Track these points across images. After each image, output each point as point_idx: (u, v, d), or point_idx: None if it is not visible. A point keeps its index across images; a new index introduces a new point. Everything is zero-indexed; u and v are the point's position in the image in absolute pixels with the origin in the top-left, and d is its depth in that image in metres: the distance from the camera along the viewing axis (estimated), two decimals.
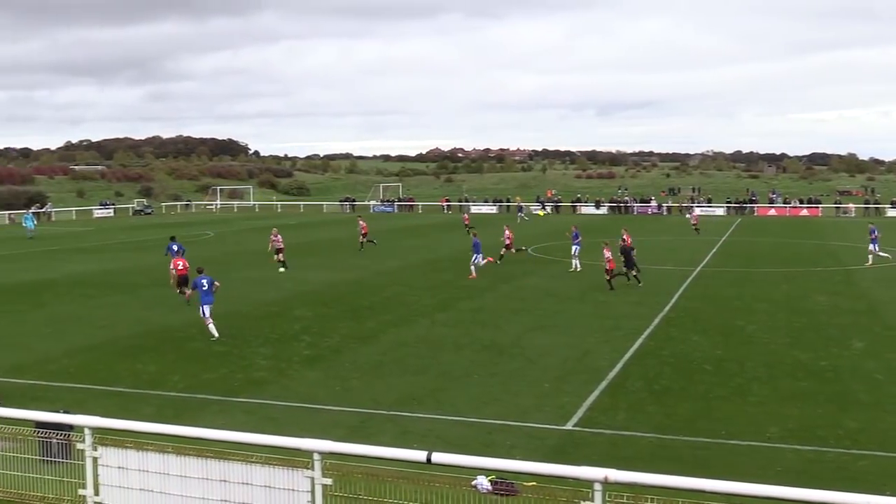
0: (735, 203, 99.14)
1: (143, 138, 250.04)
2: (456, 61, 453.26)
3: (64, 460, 10.79)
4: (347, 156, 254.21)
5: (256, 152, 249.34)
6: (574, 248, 39.49)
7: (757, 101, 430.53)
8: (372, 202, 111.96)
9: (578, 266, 39.20)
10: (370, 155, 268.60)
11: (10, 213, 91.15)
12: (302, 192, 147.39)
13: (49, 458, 10.95)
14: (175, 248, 35.36)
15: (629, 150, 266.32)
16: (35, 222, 68.67)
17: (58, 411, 12.24)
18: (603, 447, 14.51)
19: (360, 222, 51.99)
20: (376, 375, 19.73)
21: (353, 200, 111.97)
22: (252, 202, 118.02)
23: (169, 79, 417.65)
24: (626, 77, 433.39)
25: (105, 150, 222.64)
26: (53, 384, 19.10)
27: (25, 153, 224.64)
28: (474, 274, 37.00)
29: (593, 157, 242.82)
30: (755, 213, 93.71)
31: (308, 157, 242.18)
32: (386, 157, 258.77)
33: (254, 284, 35.42)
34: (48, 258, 47.40)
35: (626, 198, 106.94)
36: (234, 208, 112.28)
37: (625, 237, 37.55)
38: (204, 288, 24.67)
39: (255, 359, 21.48)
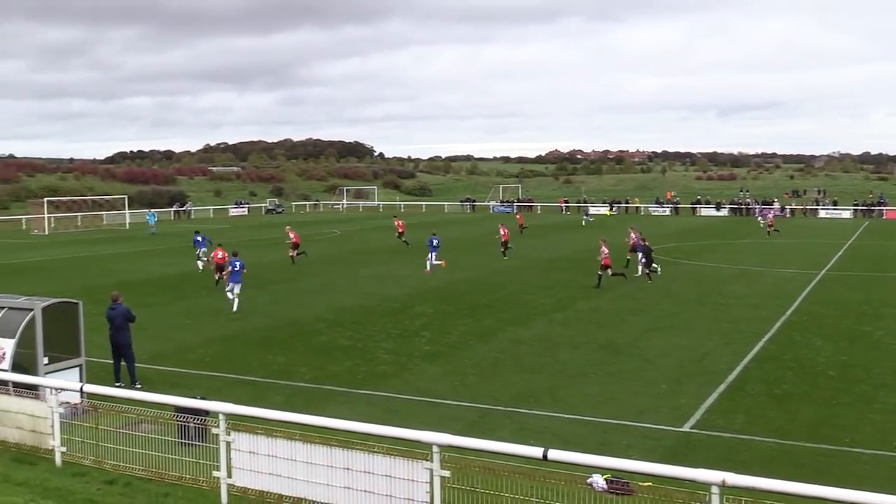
0: (862, 206, 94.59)
1: (275, 141, 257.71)
2: (576, 64, 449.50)
3: (200, 443, 11.25)
4: (469, 157, 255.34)
5: (381, 154, 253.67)
6: (639, 254, 38.31)
7: (888, 101, 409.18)
8: (491, 202, 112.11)
9: (640, 270, 38.28)
10: (491, 156, 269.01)
11: (153, 211, 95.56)
12: (424, 193, 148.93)
13: (186, 441, 11.42)
14: (200, 239, 38.52)
15: (751, 152, 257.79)
16: (156, 219, 71.39)
17: (195, 397, 12.77)
18: (720, 450, 14.10)
19: (396, 221, 53.15)
20: (494, 372, 19.75)
21: (474, 201, 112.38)
22: (377, 202, 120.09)
23: (301, 84, 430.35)
24: (748, 78, 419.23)
25: (240, 152, 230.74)
26: (191, 372, 19.93)
27: (168, 155, 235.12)
28: (428, 269, 39.02)
29: (714, 158, 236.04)
30: (884, 216, 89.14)
31: (430, 159, 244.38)
32: (506, 159, 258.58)
33: (377, 281, 36.03)
34: (188, 254, 49.45)
35: (748, 200, 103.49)
36: (359, 208, 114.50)
37: (632, 235, 38.34)
38: (235, 269, 28.69)
39: (377, 353, 21.85)
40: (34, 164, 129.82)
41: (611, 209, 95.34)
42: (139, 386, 17.81)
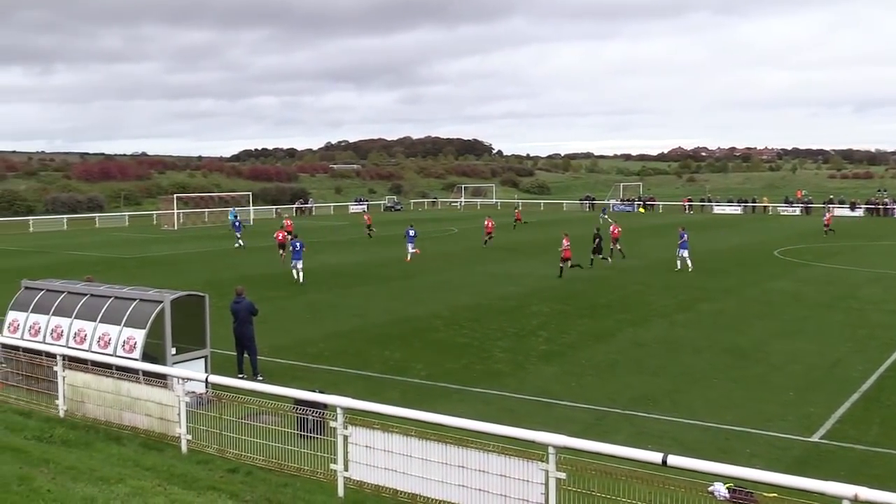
0: None
1: (395, 139, 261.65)
2: (701, 59, 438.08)
3: (318, 436, 11.49)
4: (588, 155, 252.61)
5: (500, 152, 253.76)
6: (681, 250, 39.43)
7: None
8: (612, 201, 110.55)
9: (690, 265, 38.86)
10: (611, 154, 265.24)
11: (276, 208, 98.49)
12: (542, 191, 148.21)
13: (305, 434, 11.69)
14: (298, 245, 38.99)
15: (890, 149, 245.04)
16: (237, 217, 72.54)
17: (314, 391, 13.08)
18: (853, 463, 13.47)
19: (488, 221, 54.40)
20: (612, 374, 19.48)
21: (593, 199, 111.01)
22: (494, 200, 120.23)
23: (421, 83, 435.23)
24: (887, 71, 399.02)
25: (361, 150, 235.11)
26: (311, 366, 20.44)
27: (291, 153, 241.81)
28: (409, 258, 43.02)
29: (849, 156, 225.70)
30: None
31: (549, 157, 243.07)
32: (627, 157, 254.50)
33: (494, 279, 36.07)
34: (309, 250, 50.76)
35: (886, 199, 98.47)
36: (477, 206, 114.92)
37: (611, 228, 44.86)
38: (296, 248, 35.31)
39: (493, 351, 21.87)
40: (165, 161, 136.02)
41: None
42: (261, 378, 18.38)
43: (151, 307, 16.34)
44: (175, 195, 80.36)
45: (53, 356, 14.80)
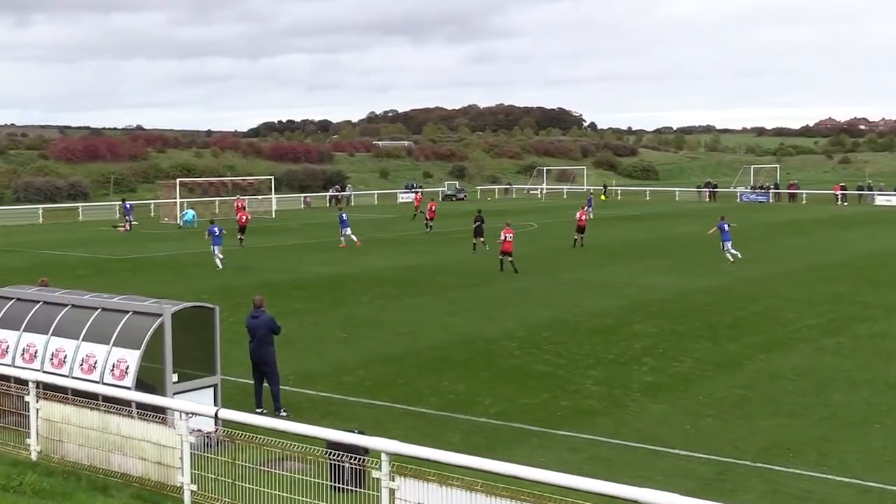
0: None
1: (457, 108, 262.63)
2: (861, 4, 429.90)
3: (356, 489, 11.54)
4: (708, 129, 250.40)
5: (593, 124, 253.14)
6: (725, 243, 43.81)
7: None
8: (739, 188, 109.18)
9: (732, 258, 43.03)
10: (738, 128, 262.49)
11: (305, 196, 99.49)
12: (648, 175, 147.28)
13: (340, 486, 11.75)
14: (217, 232, 44.11)
15: None
16: (194, 216, 73.11)
17: (352, 431, 13.14)
18: None
19: (506, 232, 52.05)
20: (739, 414, 19.23)
21: (715, 186, 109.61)
22: (585, 186, 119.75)
23: (493, 36, 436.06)
24: None
25: (413, 121, 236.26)
26: (347, 398, 20.56)
27: (324, 126, 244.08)
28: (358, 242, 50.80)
29: None
30: None
31: (657, 131, 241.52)
32: (759, 131, 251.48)
33: (584, 289, 35.90)
34: (348, 249, 51.15)
35: None
36: (563, 194, 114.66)
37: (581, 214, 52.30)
38: (215, 234, 42.17)
39: (583, 383, 21.75)
40: (165, 137, 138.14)
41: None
42: (284, 413, 18.55)
43: (148, 322, 16.59)
44: (178, 180, 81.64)
45: (25, 383, 15.13)
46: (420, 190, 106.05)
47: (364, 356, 24.71)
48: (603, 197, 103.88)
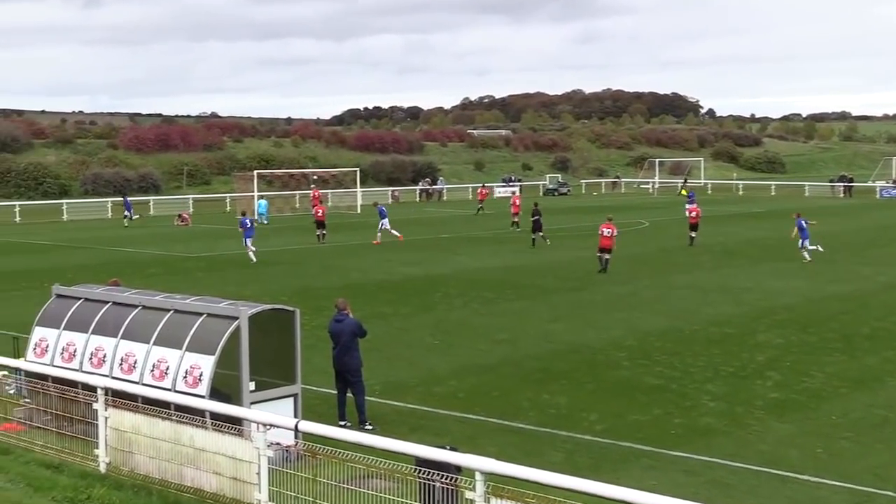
0: None
1: (559, 93, 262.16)
2: None
3: None
4: (843, 116, 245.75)
5: (711, 111, 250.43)
6: (802, 241, 44.29)
7: None
8: (878, 183, 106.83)
9: (808, 256, 43.18)
10: (879, 114, 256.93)
11: (392, 190, 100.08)
12: (773, 168, 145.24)
13: None
14: (248, 222, 47.53)
15: None
16: (267, 207, 74.17)
17: (443, 447, 13.14)
18: None
19: (604, 228, 49.72)
20: (879, 437, 18.82)
21: (851, 180, 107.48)
22: (702, 180, 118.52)
23: (600, 14, 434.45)
24: None
25: (511, 108, 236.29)
26: (438, 411, 20.58)
27: (414, 113, 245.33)
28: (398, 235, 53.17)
29: None
30: None
31: (784, 118, 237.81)
32: None
33: (700, 294, 35.52)
34: (439, 248, 51.32)
35: None
36: (677, 189, 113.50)
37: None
38: (246, 226, 45.72)
39: (700, 398, 21.50)
40: (242, 125, 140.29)
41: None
42: (370, 427, 18.66)
43: (223, 325, 16.82)
44: (255, 172, 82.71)
45: (93, 389, 15.46)
46: (520, 184, 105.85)
47: (457, 365, 24.74)
48: (683, 191, 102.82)
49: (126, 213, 71.72)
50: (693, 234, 51.58)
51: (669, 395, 21.82)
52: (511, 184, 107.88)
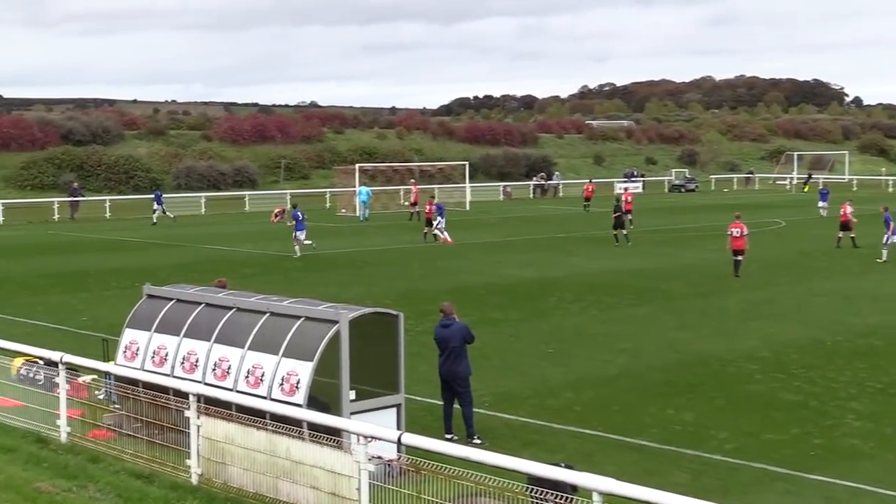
0: None
1: (687, 81, 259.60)
2: None
3: None
4: None
5: (857, 100, 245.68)
6: (886, 237, 45.79)
7: None
8: None
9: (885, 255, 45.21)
10: None
11: (504, 185, 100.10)
12: None
13: None
14: (300, 214, 49.50)
15: None
16: (369, 198, 74.87)
17: (558, 464, 13.12)
18: None
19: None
20: None
21: None
22: (846, 176, 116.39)
23: None
24: None
25: (633, 97, 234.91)
26: (553, 425, 20.52)
27: (528, 103, 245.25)
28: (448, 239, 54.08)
29: None
30: None
31: None
32: None
33: (845, 302, 34.98)
34: (554, 248, 51.20)
35: None
36: (818, 184, 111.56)
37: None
38: (298, 219, 48.27)
39: (843, 417, 21.13)
40: (343, 116, 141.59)
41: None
42: (478, 441, 18.67)
43: (322, 329, 16.95)
44: (357, 165, 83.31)
45: (185, 396, 15.73)
46: (643, 179, 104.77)
47: (573, 376, 24.66)
48: (806, 188, 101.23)
49: (155, 207, 71.99)
50: (841, 235, 50.68)
51: (808, 412, 21.48)
52: (633, 179, 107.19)
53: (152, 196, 74.84)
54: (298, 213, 49.25)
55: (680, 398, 22.57)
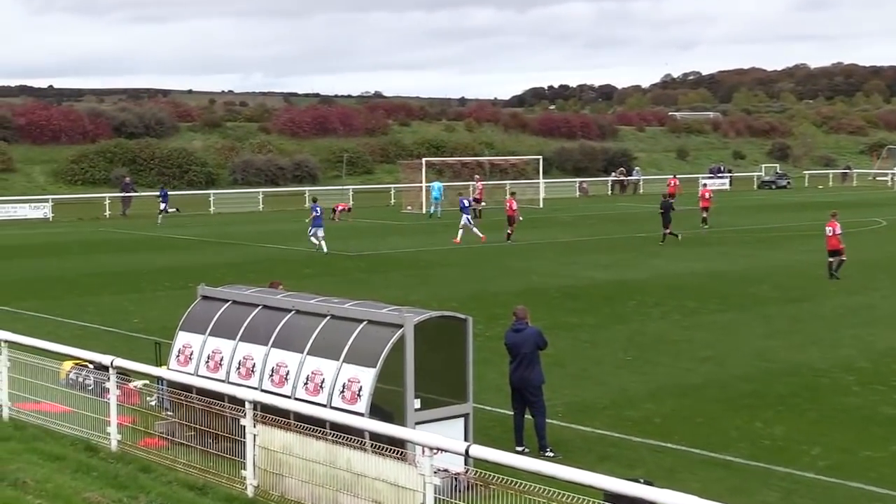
0: None
1: (779, 69, 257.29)
2: None
3: None
4: None
5: None
6: None
7: None
8: None
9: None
10: None
11: (581, 181, 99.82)
12: None
13: None
14: (318, 210, 51.01)
15: None
16: (441, 194, 75.04)
17: (636, 480, 13.07)
18: None
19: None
20: None
21: None
22: None
23: None
24: None
25: (720, 87, 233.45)
26: (631, 438, 20.43)
27: (606, 93, 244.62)
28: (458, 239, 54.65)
29: None
30: None
31: None
32: None
33: None
34: (633, 249, 51.01)
35: None
36: (888, 181, 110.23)
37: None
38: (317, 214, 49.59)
39: None
40: (409, 107, 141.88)
41: None
42: (551, 454, 18.62)
43: (386, 334, 16.99)
44: (424, 159, 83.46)
45: (240, 403, 15.84)
46: (730, 175, 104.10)
47: (653, 385, 24.55)
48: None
49: (161, 206, 72.17)
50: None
51: None
52: (719, 175, 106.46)
53: (159, 194, 75.03)
54: (317, 208, 50.53)
55: (769, 410, 22.38)
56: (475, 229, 55.29)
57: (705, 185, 75.71)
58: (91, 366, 20.34)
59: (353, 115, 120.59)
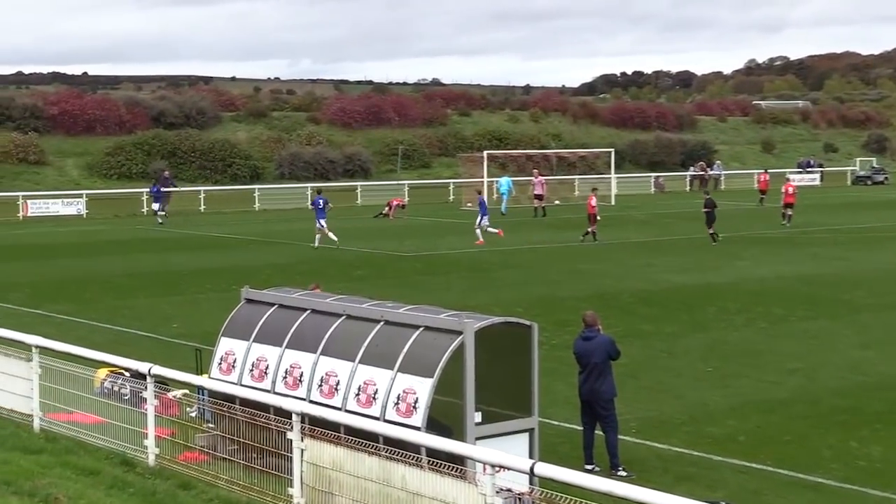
0: None
1: (876, 53, 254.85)
2: None
3: None
4: None
5: None
6: None
7: None
8: None
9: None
10: None
11: (656, 176, 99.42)
12: None
13: None
14: (321, 202, 53.18)
15: None
16: (510, 186, 75.47)
17: (717, 503, 12.99)
18: None
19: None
20: None
21: None
22: None
23: None
24: None
25: (810, 73, 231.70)
26: (712, 457, 20.30)
27: (685, 80, 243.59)
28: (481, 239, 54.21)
29: None
30: None
31: None
32: None
33: None
34: (714, 250, 50.76)
35: None
36: None
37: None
38: (319, 206, 51.88)
39: None
40: (470, 95, 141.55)
41: None
42: (623, 473, 18.59)
43: (444, 341, 16.97)
44: (485, 152, 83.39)
45: (287, 415, 15.86)
46: (822, 170, 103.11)
47: (736, 400, 24.42)
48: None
49: (155, 205, 72.05)
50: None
51: None
52: (809, 170, 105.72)
53: (151, 190, 74.91)
54: (320, 200, 52.44)
55: (865, 429, 22.18)
56: (491, 228, 55.52)
57: (789, 178, 74.98)
58: (127, 374, 20.41)
59: (409, 105, 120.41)
